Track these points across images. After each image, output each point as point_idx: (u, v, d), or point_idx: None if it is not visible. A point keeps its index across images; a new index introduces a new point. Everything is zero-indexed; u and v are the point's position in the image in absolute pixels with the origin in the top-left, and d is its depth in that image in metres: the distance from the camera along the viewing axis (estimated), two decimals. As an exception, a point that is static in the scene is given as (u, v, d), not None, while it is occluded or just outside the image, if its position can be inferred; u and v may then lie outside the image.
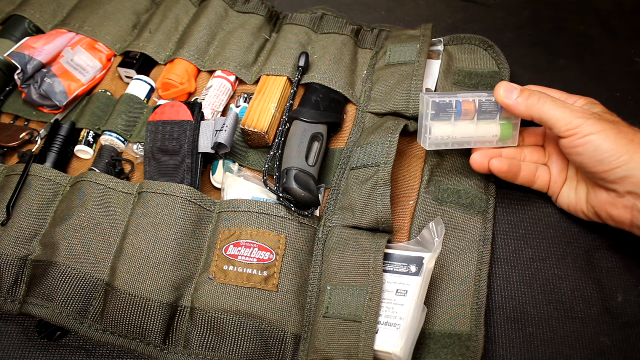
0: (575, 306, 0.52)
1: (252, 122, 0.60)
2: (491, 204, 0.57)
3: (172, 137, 0.58)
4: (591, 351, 0.50)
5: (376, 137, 0.57)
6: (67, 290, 0.51)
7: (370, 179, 0.54)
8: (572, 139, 0.49)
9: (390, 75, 0.64)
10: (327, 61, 0.66)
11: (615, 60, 0.70)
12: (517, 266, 0.55)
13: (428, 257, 0.49)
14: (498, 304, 0.53)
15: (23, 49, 0.66)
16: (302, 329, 0.51)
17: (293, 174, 0.54)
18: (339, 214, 0.56)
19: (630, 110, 0.65)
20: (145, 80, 0.67)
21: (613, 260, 0.54)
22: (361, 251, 0.51)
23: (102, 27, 0.70)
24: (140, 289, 0.50)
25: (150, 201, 0.55)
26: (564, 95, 0.55)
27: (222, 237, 0.54)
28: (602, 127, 0.48)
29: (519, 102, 0.52)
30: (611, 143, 0.47)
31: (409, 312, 0.47)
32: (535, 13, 0.76)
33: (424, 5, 0.79)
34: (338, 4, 0.77)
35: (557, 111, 0.50)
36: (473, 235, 0.55)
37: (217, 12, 0.71)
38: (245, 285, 0.51)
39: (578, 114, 0.49)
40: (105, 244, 0.54)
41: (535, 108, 0.51)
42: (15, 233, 0.53)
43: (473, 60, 0.67)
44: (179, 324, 0.51)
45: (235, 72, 0.67)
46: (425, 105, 0.54)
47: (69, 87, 0.66)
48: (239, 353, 0.49)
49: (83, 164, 0.63)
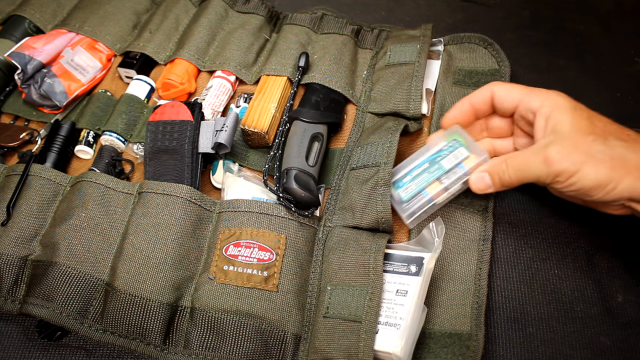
0: (575, 306, 0.52)
1: (252, 122, 0.60)
2: (490, 203, 0.57)
3: (172, 137, 0.58)
4: (591, 351, 0.50)
5: (376, 137, 0.57)
6: (67, 290, 0.51)
7: (370, 179, 0.54)
8: (557, 185, 0.48)
9: (390, 75, 0.64)
10: (327, 61, 0.66)
11: (615, 60, 0.70)
12: (517, 266, 0.55)
13: (428, 257, 0.49)
14: (498, 304, 0.53)
15: (23, 49, 0.66)
16: (302, 329, 0.51)
17: (293, 174, 0.54)
18: (339, 214, 0.56)
19: (630, 110, 0.65)
20: (145, 80, 0.67)
21: (613, 260, 0.54)
22: (361, 251, 0.51)
23: (102, 27, 0.70)
24: (140, 289, 0.50)
25: (150, 201, 0.55)
26: (525, 90, 0.52)
27: (222, 237, 0.54)
28: (580, 160, 0.46)
29: (496, 185, 0.51)
30: (594, 175, 0.45)
31: (409, 312, 0.47)
32: (535, 13, 0.76)
33: (424, 5, 0.79)
34: (338, 4, 0.77)
35: (531, 170, 0.48)
36: (473, 234, 0.55)
37: (217, 12, 0.71)
38: (245, 285, 0.51)
39: (551, 160, 0.47)
40: (105, 244, 0.54)
41: (511, 182, 0.50)
42: (15, 233, 0.54)
43: (473, 58, 0.67)
44: (179, 324, 0.51)
45: (235, 72, 0.67)
46: (395, 199, 0.53)
47: (69, 87, 0.66)
48: (239, 353, 0.49)
49: (83, 164, 0.63)
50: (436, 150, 0.54)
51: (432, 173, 0.53)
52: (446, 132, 0.55)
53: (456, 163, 0.53)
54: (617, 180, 0.45)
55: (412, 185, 0.53)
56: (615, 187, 0.45)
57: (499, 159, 0.51)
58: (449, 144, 0.54)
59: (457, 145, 0.54)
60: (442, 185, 0.52)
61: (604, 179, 0.45)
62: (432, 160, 0.54)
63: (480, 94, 0.54)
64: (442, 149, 0.54)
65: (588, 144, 0.46)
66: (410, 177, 0.53)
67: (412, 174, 0.53)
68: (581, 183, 0.46)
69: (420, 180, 0.53)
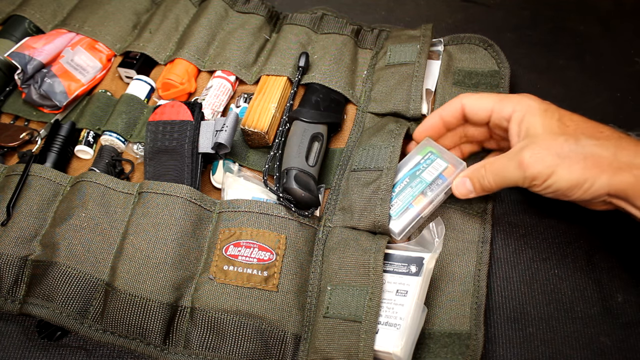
0: (575, 306, 0.52)
1: (252, 122, 0.60)
2: (489, 204, 0.57)
3: (172, 137, 0.58)
4: (591, 351, 0.50)
5: (378, 140, 0.57)
6: (67, 290, 0.51)
7: (372, 182, 0.54)
8: (535, 189, 0.48)
9: (390, 76, 0.64)
10: (327, 61, 0.66)
11: (615, 60, 0.70)
12: (517, 266, 0.55)
13: (428, 257, 0.50)
14: (498, 304, 0.53)
15: (23, 49, 0.66)
16: (302, 329, 0.51)
17: (293, 174, 0.54)
18: (339, 214, 0.56)
19: (630, 110, 0.65)
20: (145, 80, 0.67)
21: (613, 260, 0.54)
22: (361, 251, 0.51)
23: (102, 27, 0.70)
24: (140, 289, 0.50)
25: (150, 201, 0.55)
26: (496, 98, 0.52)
27: (222, 237, 0.54)
28: (553, 162, 0.46)
29: (477, 190, 0.52)
30: (568, 176, 0.46)
31: (409, 312, 0.47)
32: (535, 13, 0.76)
33: (424, 5, 0.79)
34: (338, 4, 0.77)
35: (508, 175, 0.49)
36: (471, 235, 0.55)
37: (217, 12, 0.71)
38: (245, 285, 0.51)
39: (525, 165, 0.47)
40: (105, 244, 0.54)
41: (491, 187, 0.51)
42: (15, 233, 0.54)
43: (473, 59, 0.67)
44: (179, 324, 0.51)
45: (235, 72, 0.67)
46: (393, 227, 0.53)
47: (69, 87, 0.66)
48: (239, 353, 0.49)
49: (83, 164, 0.63)
50: (413, 165, 0.55)
51: (415, 187, 0.54)
52: (419, 146, 0.56)
53: (437, 175, 0.54)
54: (593, 179, 0.45)
55: (397, 202, 0.54)
56: (591, 185, 0.45)
57: (479, 165, 0.52)
58: (425, 157, 0.55)
59: (433, 157, 0.55)
60: (427, 199, 0.54)
61: (579, 179, 0.45)
62: (412, 174, 0.55)
63: (449, 107, 0.55)
64: (419, 163, 0.55)
65: (560, 145, 0.46)
66: (394, 193, 0.54)
67: (395, 190, 0.54)
68: (557, 185, 0.46)
69: (405, 195, 0.54)
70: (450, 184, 0.54)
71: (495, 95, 0.53)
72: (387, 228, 0.52)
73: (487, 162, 0.51)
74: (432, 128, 0.57)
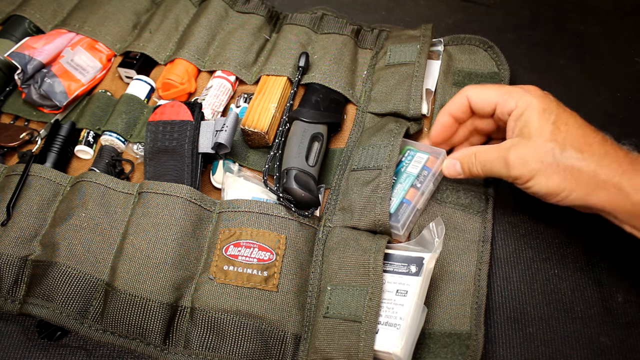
0: (575, 306, 0.52)
1: (252, 122, 0.60)
2: (490, 203, 0.57)
3: (172, 137, 0.58)
4: (591, 351, 0.50)
5: (378, 140, 0.57)
6: (67, 290, 0.51)
7: (371, 181, 0.54)
8: (517, 186, 0.50)
9: (390, 76, 0.64)
10: (327, 61, 0.66)
11: (615, 60, 0.70)
12: (517, 266, 0.55)
13: (428, 257, 0.49)
14: (498, 304, 0.53)
15: (23, 49, 0.66)
16: (302, 329, 0.51)
17: (293, 174, 0.54)
18: (339, 214, 0.56)
19: (630, 110, 0.65)
20: (145, 80, 0.67)
21: (613, 260, 0.54)
22: (361, 251, 0.51)
23: (102, 27, 0.70)
24: (140, 289, 0.50)
25: (150, 201, 0.55)
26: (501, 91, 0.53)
27: (222, 237, 0.54)
28: (535, 168, 0.47)
29: (465, 173, 0.54)
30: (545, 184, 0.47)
31: (409, 312, 0.47)
32: (535, 13, 0.76)
33: (424, 5, 0.79)
34: (338, 4, 0.77)
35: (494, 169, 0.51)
36: (472, 235, 0.55)
37: (217, 12, 0.71)
38: (245, 285, 0.51)
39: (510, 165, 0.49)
40: (105, 244, 0.54)
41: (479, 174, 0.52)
42: (15, 233, 0.54)
43: (473, 60, 0.67)
44: (179, 324, 0.51)
45: (235, 72, 0.67)
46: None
47: (69, 87, 0.66)
48: (239, 353, 0.49)
49: (83, 164, 0.63)
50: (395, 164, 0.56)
51: (405, 182, 0.55)
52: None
53: (421, 167, 0.56)
54: (569, 191, 0.47)
55: (392, 199, 0.54)
56: (567, 196, 0.47)
57: (470, 151, 0.53)
58: (405, 155, 0.57)
59: (413, 152, 0.57)
60: (419, 191, 0.55)
61: (557, 188, 0.47)
62: (398, 172, 0.56)
63: (456, 102, 0.55)
64: (401, 161, 0.57)
65: (546, 152, 0.47)
66: None
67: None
68: (536, 188, 0.48)
69: (397, 191, 0.55)
70: (435, 174, 0.56)
71: (500, 87, 0.53)
72: (388, 226, 0.52)
73: (478, 150, 0.52)
74: (445, 126, 0.57)
